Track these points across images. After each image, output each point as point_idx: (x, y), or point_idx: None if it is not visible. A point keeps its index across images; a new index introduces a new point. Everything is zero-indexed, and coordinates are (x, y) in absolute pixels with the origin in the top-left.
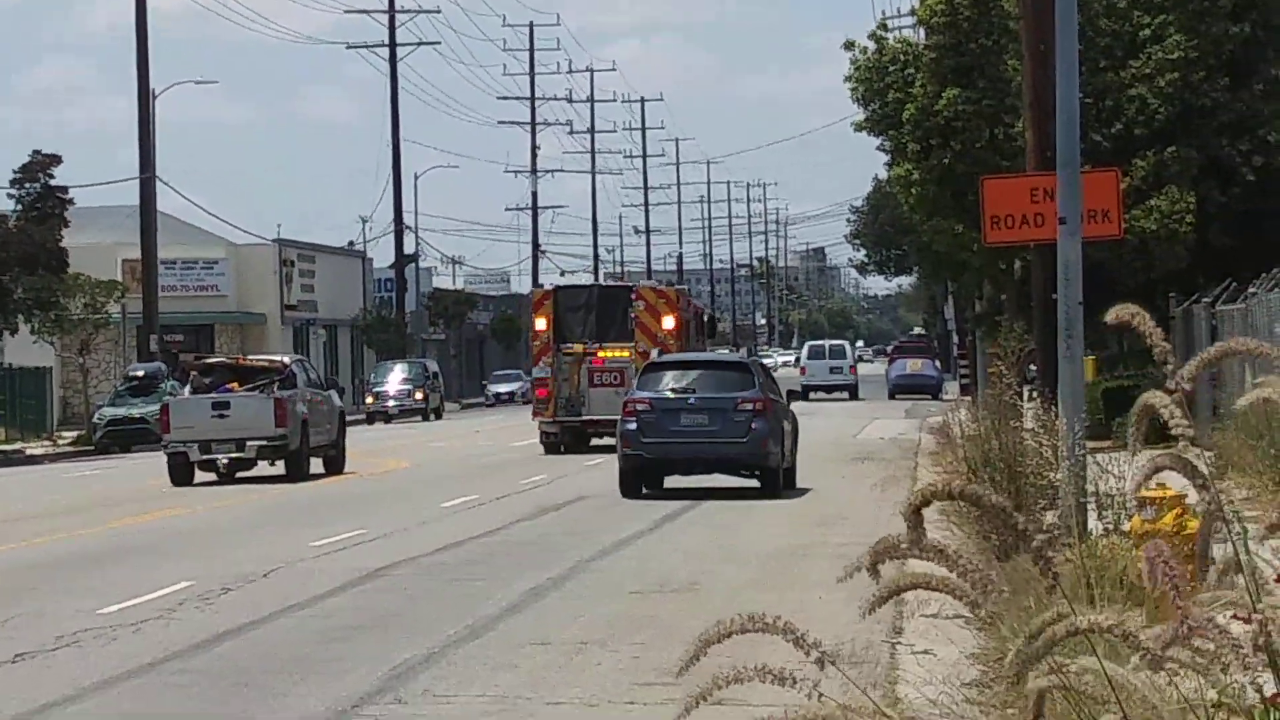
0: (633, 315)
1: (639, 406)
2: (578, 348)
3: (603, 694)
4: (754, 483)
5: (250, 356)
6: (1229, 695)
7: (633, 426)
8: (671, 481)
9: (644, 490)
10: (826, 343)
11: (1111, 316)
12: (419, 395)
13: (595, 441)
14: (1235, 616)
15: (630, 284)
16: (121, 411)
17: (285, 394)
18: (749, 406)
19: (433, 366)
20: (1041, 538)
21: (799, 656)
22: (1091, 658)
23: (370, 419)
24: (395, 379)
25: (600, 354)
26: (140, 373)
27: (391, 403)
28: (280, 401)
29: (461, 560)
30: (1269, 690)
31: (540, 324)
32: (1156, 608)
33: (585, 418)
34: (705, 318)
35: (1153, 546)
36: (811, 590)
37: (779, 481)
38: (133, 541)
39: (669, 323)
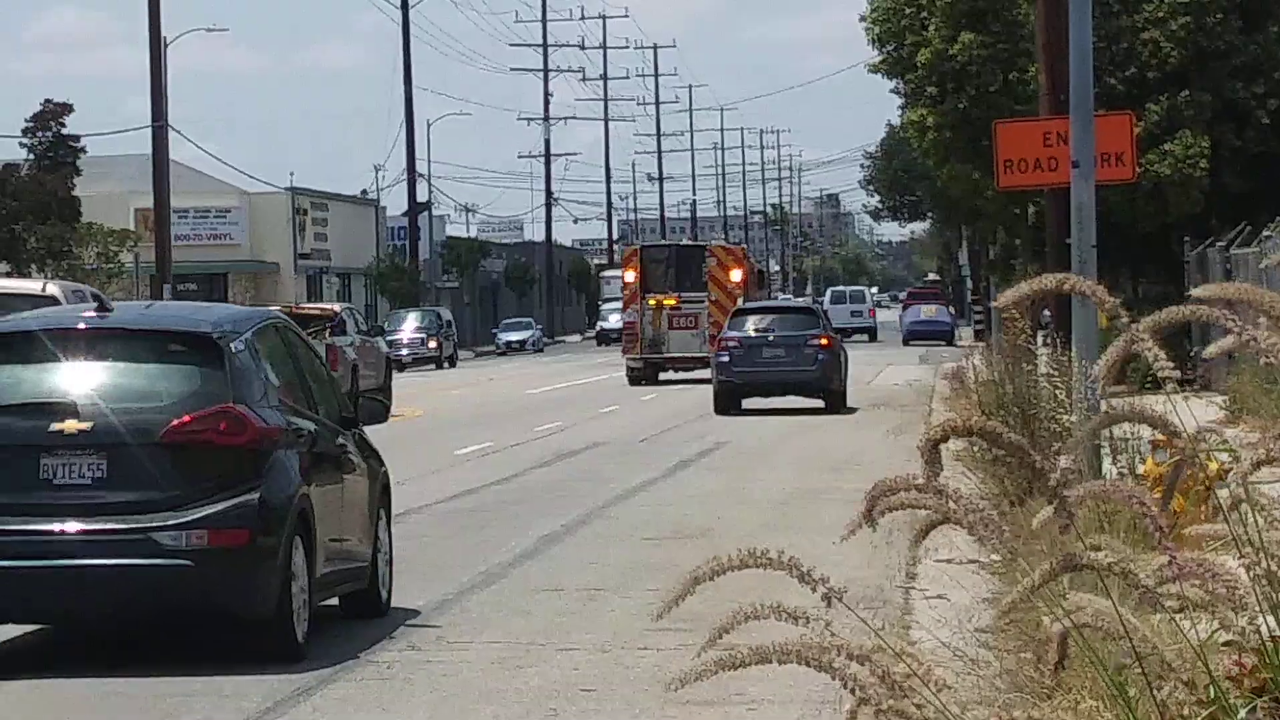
0: (706, 269)
1: (730, 343)
2: (660, 297)
3: (616, 640)
4: (818, 402)
5: (303, 305)
6: (1238, 634)
7: (725, 359)
8: (749, 404)
9: (733, 409)
10: (847, 289)
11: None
12: (432, 344)
13: (665, 376)
14: (1241, 559)
15: (704, 243)
16: None
17: (337, 340)
18: (816, 342)
19: (446, 315)
20: (1057, 475)
21: (813, 601)
22: (1104, 600)
23: None
24: (409, 327)
25: (678, 301)
26: None
27: (405, 351)
28: (332, 348)
29: (475, 507)
30: (1266, 631)
31: (629, 276)
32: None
33: (665, 355)
34: (757, 271)
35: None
36: (824, 535)
37: (840, 402)
38: None
39: (736, 275)
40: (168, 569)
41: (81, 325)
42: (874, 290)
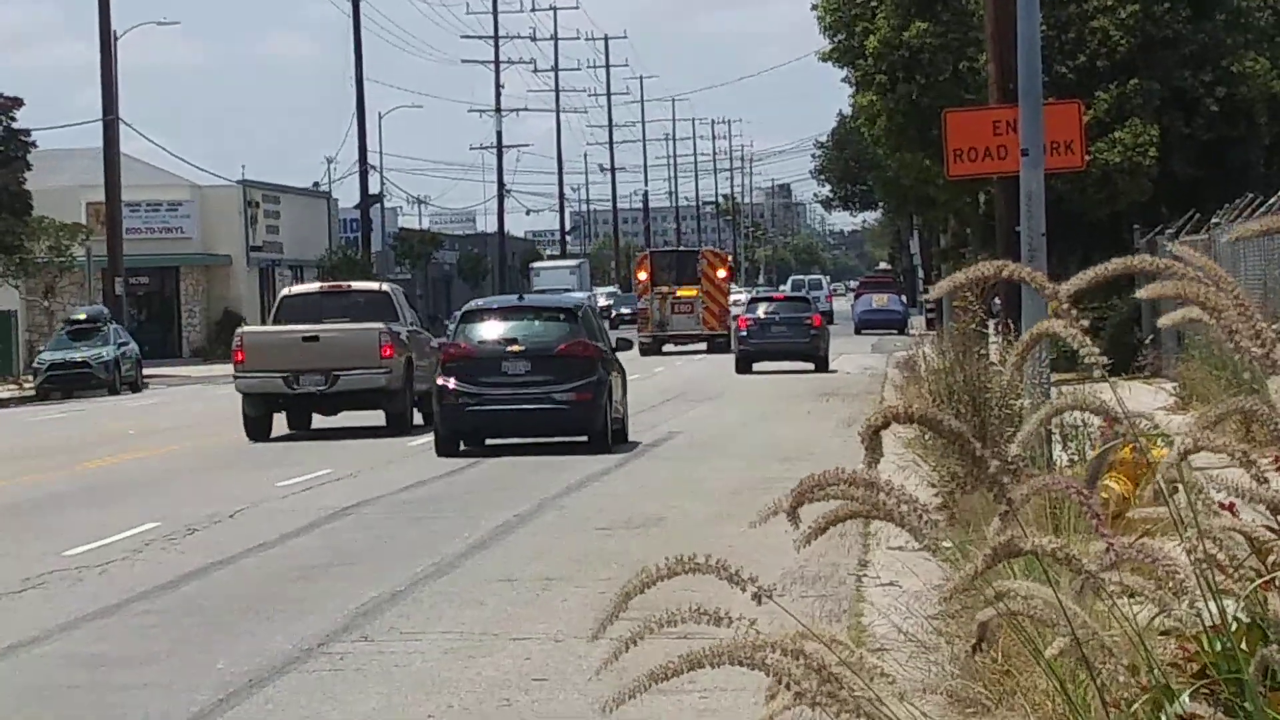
0: (699, 268)
1: (747, 322)
2: (665, 289)
3: (568, 629)
4: (809, 365)
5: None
6: (1178, 620)
7: (744, 334)
8: (759, 367)
9: (752, 369)
10: (806, 278)
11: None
12: None
13: (670, 348)
14: (1182, 544)
15: (697, 249)
16: (61, 355)
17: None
18: (809, 322)
19: None
20: (996, 465)
21: (769, 581)
22: (1037, 584)
23: None
24: None
25: (679, 292)
26: (82, 316)
27: None
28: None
29: (428, 498)
30: (1207, 617)
31: (641, 275)
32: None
33: (670, 333)
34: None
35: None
36: (776, 524)
37: (825, 365)
38: (99, 483)
39: (722, 273)
40: (557, 410)
41: (513, 304)
42: (826, 279)
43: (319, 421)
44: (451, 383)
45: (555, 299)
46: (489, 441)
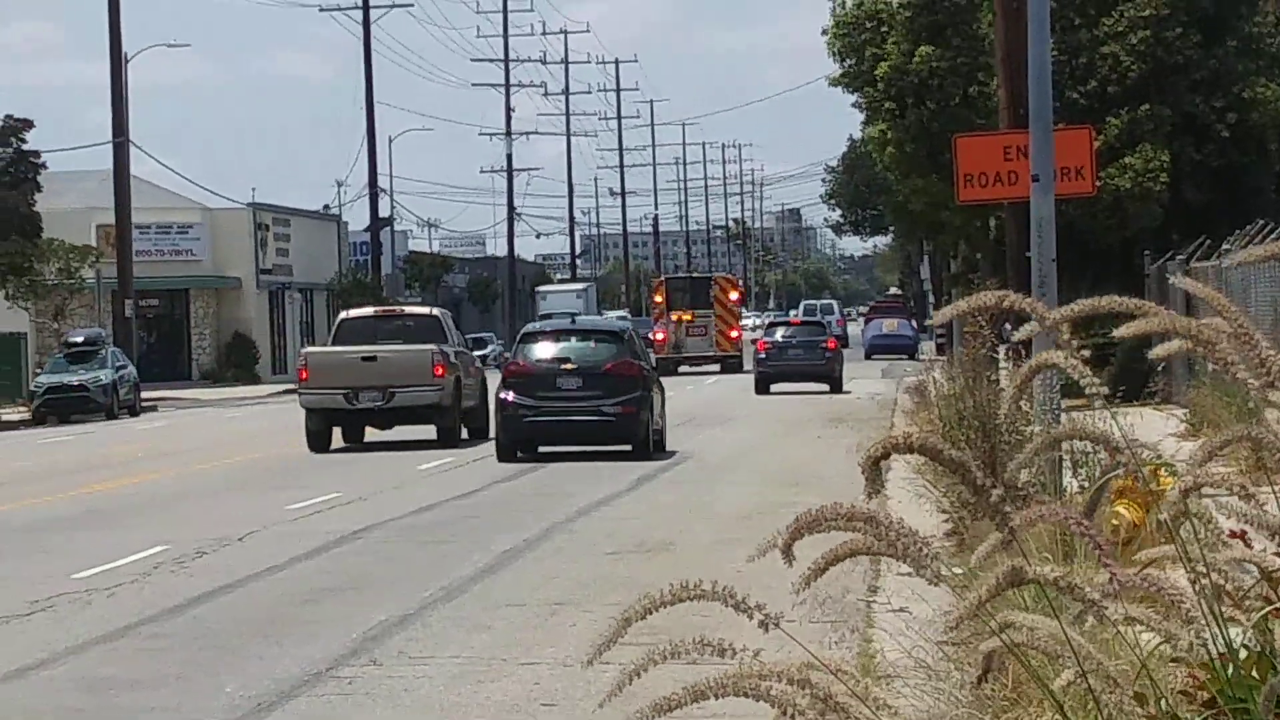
0: (712, 293)
1: (767, 345)
2: (680, 313)
3: (577, 654)
4: (824, 386)
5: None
6: (1184, 650)
7: (763, 356)
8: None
9: (766, 391)
10: (818, 302)
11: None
12: None
13: (685, 369)
14: (1191, 572)
15: (710, 274)
16: (59, 379)
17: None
18: (824, 345)
19: None
20: (998, 494)
21: (777, 608)
22: (1043, 616)
23: None
24: None
25: (693, 316)
26: (80, 339)
27: None
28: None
29: (437, 522)
30: (1214, 647)
31: (658, 299)
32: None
33: (684, 355)
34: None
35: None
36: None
37: (839, 386)
38: (108, 506)
39: (734, 296)
40: (605, 421)
41: (567, 326)
42: (839, 304)
43: (336, 441)
44: (511, 396)
45: (605, 322)
46: (542, 450)
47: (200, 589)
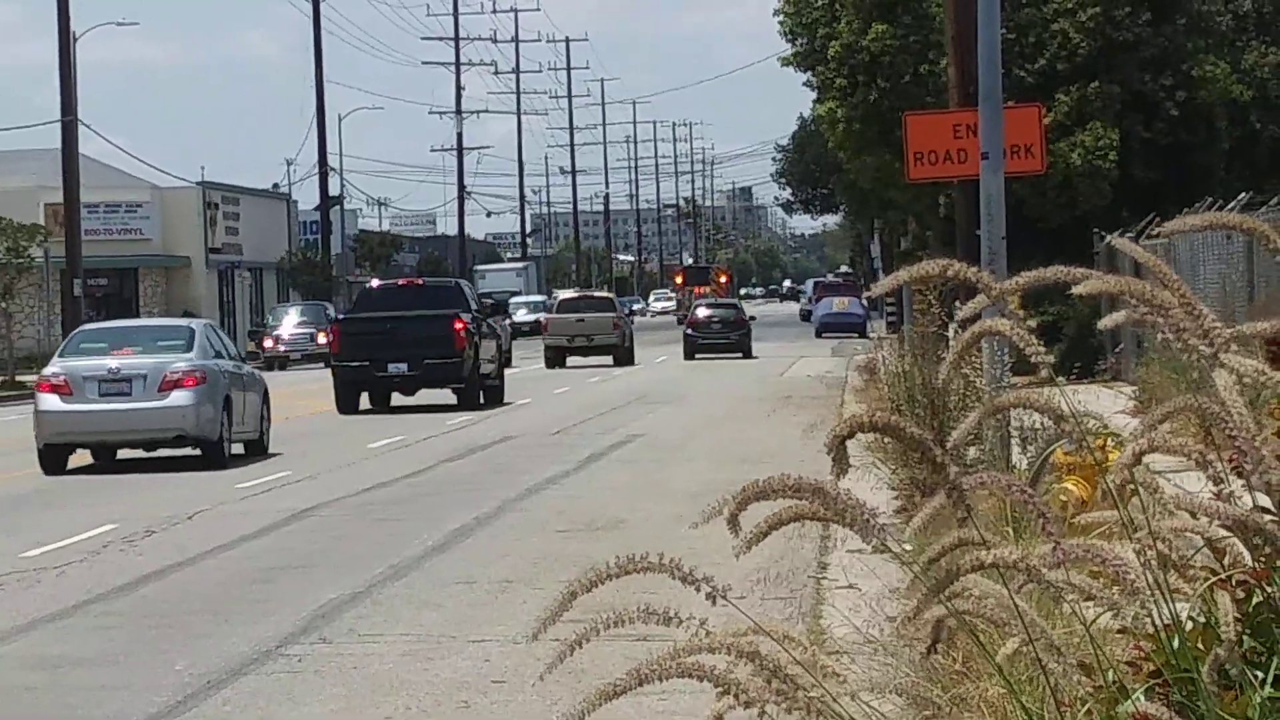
0: (711, 276)
1: (695, 322)
2: (694, 289)
3: (527, 631)
4: (737, 355)
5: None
6: (1129, 621)
7: (690, 332)
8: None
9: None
10: (798, 286)
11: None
12: (321, 339)
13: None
14: (1133, 544)
15: (709, 265)
16: None
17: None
18: (738, 320)
19: (331, 310)
20: (955, 470)
21: (728, 582)
22: (994, 584)
23: (269, 365)
24: (290, 322)
25: (697, 291)
26: None
27: (285, 348)
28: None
29: (387, 500)
30: (1159, 618)
31: (679, 279)
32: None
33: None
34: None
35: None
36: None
37: (749, 353)
38: (57, 485)
39: (723, 279)
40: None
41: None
42: (786, 283)
43: (280, 424)
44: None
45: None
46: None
47: (150, 567)
